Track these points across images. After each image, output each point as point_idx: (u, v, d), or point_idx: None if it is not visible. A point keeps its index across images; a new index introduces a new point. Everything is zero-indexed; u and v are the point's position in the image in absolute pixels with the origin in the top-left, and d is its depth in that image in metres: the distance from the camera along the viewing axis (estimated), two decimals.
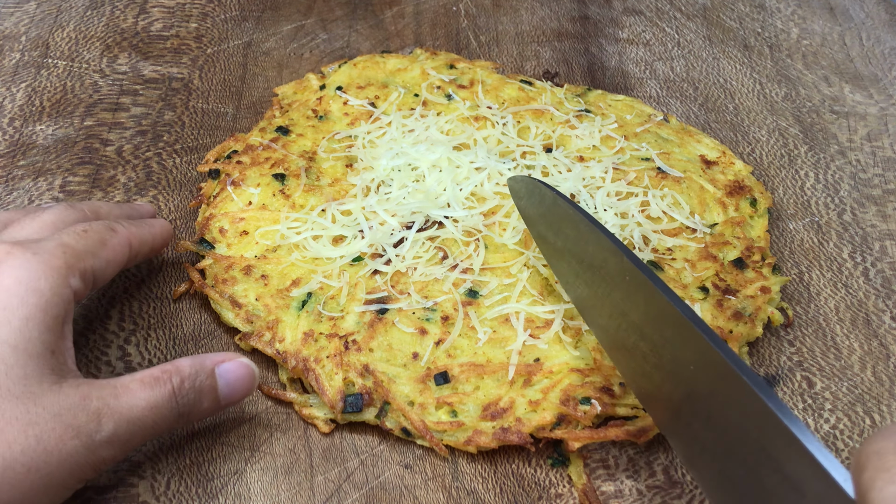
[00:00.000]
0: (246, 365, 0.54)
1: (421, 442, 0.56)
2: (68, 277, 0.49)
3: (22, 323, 0.45)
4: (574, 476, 0.55)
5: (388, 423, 0.56)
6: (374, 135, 0.74)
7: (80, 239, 0.52)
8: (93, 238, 0.53)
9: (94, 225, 0.54)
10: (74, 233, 0.52)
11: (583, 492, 0.54)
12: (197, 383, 0.51)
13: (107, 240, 0.54)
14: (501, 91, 0.79)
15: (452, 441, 0.55)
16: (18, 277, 0.47)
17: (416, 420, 0.55)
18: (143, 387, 0.49)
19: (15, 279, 0.47)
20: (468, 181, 0.68)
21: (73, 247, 0.51)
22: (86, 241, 0.52)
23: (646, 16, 0.96)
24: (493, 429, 0.55)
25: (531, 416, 0.55)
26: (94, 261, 0.52)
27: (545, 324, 0.60)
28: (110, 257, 0.54)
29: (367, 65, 0.82)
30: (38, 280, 0.47)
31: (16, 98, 0.80)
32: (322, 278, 0.62)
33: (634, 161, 0.73)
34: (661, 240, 0.66)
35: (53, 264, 0.49)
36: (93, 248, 0.52)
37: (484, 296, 0.62)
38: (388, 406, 0.56)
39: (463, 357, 0.58)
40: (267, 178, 0.69)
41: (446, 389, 0.56)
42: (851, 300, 0.67)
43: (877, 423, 0.59)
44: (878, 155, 0.80)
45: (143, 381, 0.49)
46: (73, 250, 0.51)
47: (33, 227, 0.54)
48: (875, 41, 0.93)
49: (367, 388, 0.56)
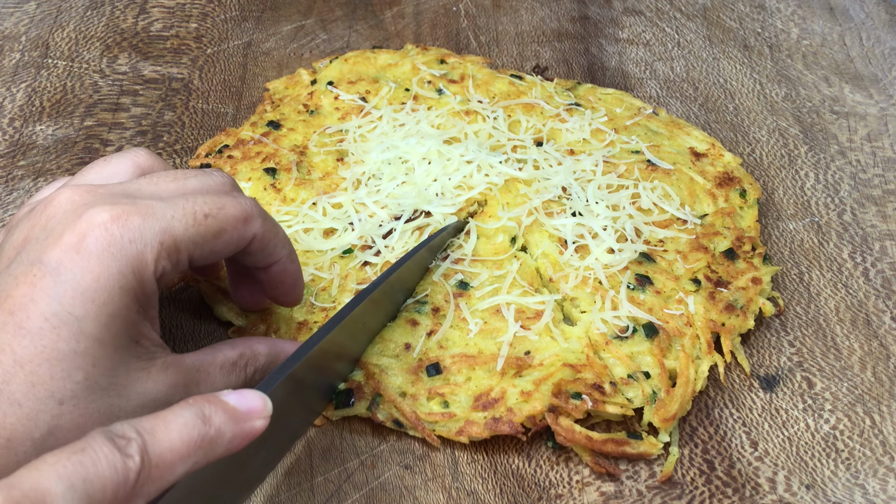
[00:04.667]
0: None
1: (413, 433, 0.56)
2: (159, 267, 0.45)
3: (109, 319, 0.43)
4: (580, 451, 0.55)
5: (379, 415, 0.56)
6: (364, 129, 0.74)
7: (195, 226, 0.46)
8: (210, 228, 0.46)
9: (228, 208, 0.47)
10: (193, 216, 0.46)
11: (595, 463, 0.55)
12: (265, 373, 0.52)
13: (225, 231, 0.47)
14: (492, 85, 0.80)
15: (444, 432, 0.55)
16: (109, 267, 0.43)
17: (408, 411, 0.55)
18: (222, 374, 0.49)
19: (105, 268, 0.42)
20: (458, 172, 0.69)
21: (178, 237, 0.45)
22: (198, 230, 0.46)
23: (646, 16, 0.96)
24: (484, 419, 0.55)
25: (522, 406, 0.55)
26: (196, 250, 0.46)
27: (536, 315, 0.60)
28: (217, 250, 0.48)
29: (358, 60, 0.82)
30: (126, 277, 0.43)
31: (16, 98, 0.80)
32: (313, 270, 0.63)
33: (624, 154, 0.73)
34: (653, 232, 0.66)
35: (146, 256, 0.44)
36: (202, 238, 0.46)
37: (475, 287, 0.62)
38: (380, 398, 0.56)
39: (455, 348, 0.58)
40: (258, 173, 0.70)
41: (438, 380, 0.57)
42: (851, 300, 0.67)
43: (877, 423, 0.59)
44: (879, 155, 0.80)
45: (223, 367, 0.49)
46: (174, 242, 0.45)
47: (170, 189, 0.47)
48: (875, 41, 0.93)
49: (356, 382, 0.57)
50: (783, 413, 0.59)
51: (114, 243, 0.43)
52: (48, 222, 0.45)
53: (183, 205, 0.46)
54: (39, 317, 0.41)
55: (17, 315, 0.42)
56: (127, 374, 0.44)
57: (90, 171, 0.51)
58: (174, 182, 0.48)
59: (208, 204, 0.47)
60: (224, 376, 0.49)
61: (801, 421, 0.59)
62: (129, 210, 0.44)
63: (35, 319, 0.41)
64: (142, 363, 0.45)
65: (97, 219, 0.43)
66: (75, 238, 0.43)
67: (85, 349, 0.42)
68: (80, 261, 0.42)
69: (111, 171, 0.51)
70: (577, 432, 0.54)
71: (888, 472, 0.56)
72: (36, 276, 0.42)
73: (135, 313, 0.44)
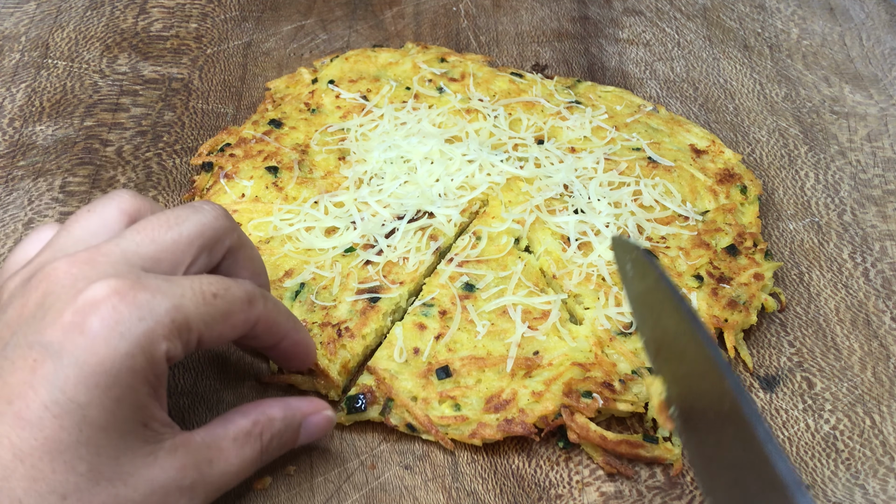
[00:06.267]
0: (330, 418, 0.52)
1: (426, 437, 0.56)
2: (171, 347, 0.42)
3: (114, 405, 0.40)
4: (590, 451, 0.55)
5: (392, 420, 0.56)
6: (366, 128, 0.74)
7: (204, 306, 0.43)
8: (219, 308, 0.44)
9: (233, 289, 0.45)
10: (202, 295, 0.43)
11: (606, 463, 0.55)
12: (284, 438, 0.50)
13: (233, 313, 0.45)
14: (492, 84, 0.80)
15: (457, 435, 0.55)
16: (116, 348, 0.40)
17: (421, 415, 0.55)
18: (236, 446, 0.46)
19: (112, 349, 0.40)
20: (460, 172, 0.69)
21: (189, 315, 0.42)
22: (207, 310, 0.43)
23: (646, 16, 0.96)
24: (497, 421, 0.55)
25: (534, 407, 0.55)
26: (206, 332, 0.44)
27: (542, 315, 0.60)
28: (224, 333, 0.45)
29: (359, 59, 0.82)
30: (135, 358, 0.40)
31: (16, 98, 0.80)
32: (315, 269, 0.62)
33: (625, 151, 0.73)
34: (655, 228, 0.67)
35: (157, 335, 0.41)
36: (212, 318, 0.44)
37: (480, 289, 0.62)
38: (392, 403, 0.56)
39: (463, 351, 0.58)
40: (260, 171, 0.70)
41: (448, 383, 0.57)
42: (852, 301, 0.67)
43: (877, 423, 0.59)
44: (879, 155, 0.80)
45: (237, 438, 0.46)
46: (185, 320, 0.42)
47: (167, 240, 0.45)
48: (875, 41, 0.93)
49: (367, 387, 0.56)
50: (783, 413, 0.59)
51: (121, 322, 0.40)
52: (45, 299, 0.42)
53: (190, 284, 0.43)
54: (40, 405, 0.39)
55: (15, 404, 0.39)
56: (133, 460, 0.41)
57: (75, 226, 0.47)
58: (169, 231, 0.45)
59: (214, 284, 0.44)
60: (238, 449, 0.46)
61: (801, 421, 0.59)
62: (135, 284, 0.41)
63: (35, 408, 0.39)
64: (149, 447, 0.42)
65: (100, 294, 0.40)
66: (77, 317, 0.40)
67: (88, 438, 0.39)
68: (83, 342, 0.39)
69: (97, 223, 0.47)
70: (592, 431, 0.54)
71: (888, 472, 0.56)
72: (35, 360, 0.39)
73: (144, 395, 0.42)
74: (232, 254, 0.49)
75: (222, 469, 0.45)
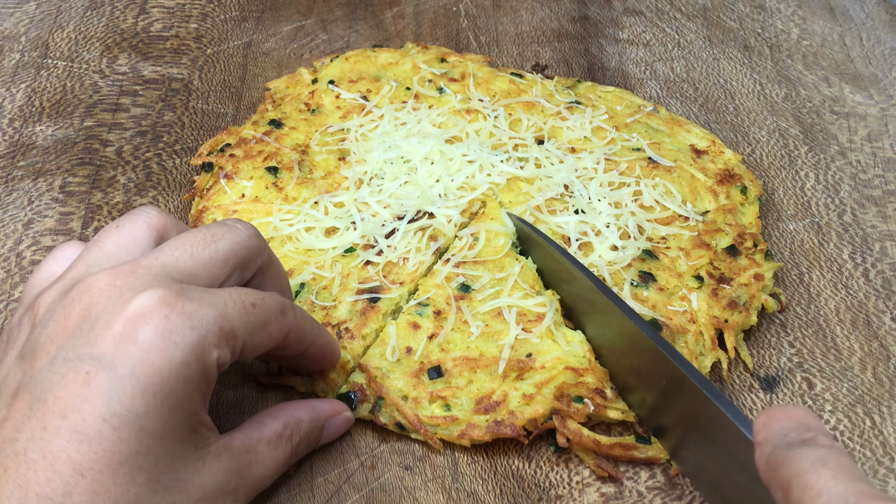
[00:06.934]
0: (350, 419, 0.55)
1: (415, 436, 0.56)
2: (221, 354, 0.43)
3: (170, 413, 0.40)
4: (582, 454, 0.55)
5: (381, 418, 0.56)
6: (366, 128, 0.74)
7: (245, 315, 0.44)
8: (259, 317, 0.45)
9: (267, 300, 0.46)
10: (242, 305, 0.44)
11: (597, 465, 0.55)
12: (310, 440, 0.52)
13: (270, 322, 0.46)
14: (492, 84, 0.80)
15: (446, 435, 0.55)
16: (172, 357, 0.40)
17: (410, 414, 0.55)
18: (270, 449, 0.48)
19: (167, 358, 0.40)
20: (460, 172, 0.69)
21: (234, 324, 0.43)
22: (248, 318, 0.44)
23: (646, 16, 0.96)
24: (486, 422, 0.55)
25: (524, 409, 0.55)
26: (249, 339, 0.45)
27: (537, 317, 0.60)
28: (262, 343, 0.46)
29: (359, 59, 0.82)
30: (189, 367, 0.41)
31: (15, 98, 0.80)
32: (314, 269, 0.63)
33: (625, 151, 0.73)
34: (655, 229, 0.67)
35: (209, 342, 0.42)
36: (253, 327, 0.45)
37: (476, 290, 0.62)
38: (382, 401, 0.56)
39: (456, 351, 0.58)
40: (260, 171, 0.70)
41: (439, 383, 0.57)
42: (852, 301, 0.67)
43: (877, 424, 0.59)
44: (879, 156, 0.80)
45: (270, 441, 0.48)
46: (231, 328, 0.43)
47: (204, 257, 0.45)
48: (875, 42, 0.93)
49: (359, 385, 0.57)
50: None
51: (174, 331, 0.40)
52: (90, 311, 0.41)
53: (230, 294, 0.44)
54: (97, 418, 0.39)
55: (70, 418, 0.39)
56: (185, 466, 0.42)
57: (106, 241, 0.47)
58: (206, 248, 0.46)
59: (251, 295, 0.45)
60: (272, 451, 0.48)
61: None
62: (181, 295, 0.41)
63: (92, 421, 0.38)
64: (198, 453, 0.43)
65: (149, 304, 0.40)
66: (129, 327, 0.40)
67: (147, 448, 0.40)
68: (136, 352, 0.39)
69: (128, 239, 0.47)
70: (585, 436, 0.54)
71: (888, 472, 0.56)
72: (88, 372, 0.39)
73: (197, 402, 0.42)
74: (262, 272, 0.50)
75: (259, 472, 0.47)
